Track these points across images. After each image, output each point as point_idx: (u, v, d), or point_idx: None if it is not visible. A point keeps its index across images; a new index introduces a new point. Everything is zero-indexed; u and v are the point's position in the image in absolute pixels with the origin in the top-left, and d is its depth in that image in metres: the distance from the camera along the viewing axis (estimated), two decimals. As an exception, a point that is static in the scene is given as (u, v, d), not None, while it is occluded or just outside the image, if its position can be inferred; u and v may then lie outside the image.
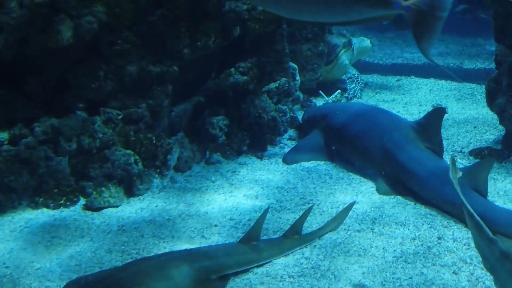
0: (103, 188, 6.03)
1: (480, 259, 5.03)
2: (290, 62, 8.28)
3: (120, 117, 6.35)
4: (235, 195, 6.33)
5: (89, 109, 6.32)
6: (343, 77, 10.20)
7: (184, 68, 6.84)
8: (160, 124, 6.63)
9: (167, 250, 5.18)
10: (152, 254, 5.00)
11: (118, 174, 6.15)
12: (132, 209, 6.01)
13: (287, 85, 7.99)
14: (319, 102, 9.29)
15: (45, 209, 5.92)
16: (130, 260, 4.91)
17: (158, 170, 6.55)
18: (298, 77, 8.39)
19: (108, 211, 5.96)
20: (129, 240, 5.39)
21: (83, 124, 6.19)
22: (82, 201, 6.06)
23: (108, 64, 6.34)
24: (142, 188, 6.28)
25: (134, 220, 5.78)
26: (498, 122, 7.65)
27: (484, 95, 7.82)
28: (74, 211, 5.93)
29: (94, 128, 6.18)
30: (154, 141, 6.49)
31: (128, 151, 6.27)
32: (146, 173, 6.38)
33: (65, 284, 4.47)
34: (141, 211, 5.97)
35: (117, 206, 6.04)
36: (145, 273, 4.31)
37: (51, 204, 5.95)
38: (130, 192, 6.24)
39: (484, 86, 7.85)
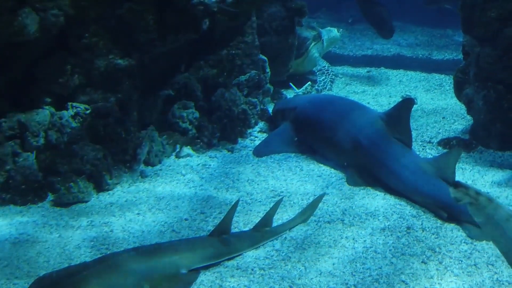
0: (71, 184, 5.97)
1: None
2: (260, 55, 8.26)
3: (88, 111, 6.29)
4: (206, 188, 6.31)
5: (57, 103, 6.26)
6: (314, 69, 10.22)
7: (153, 62, 6.80)
8: (129, 118, 6.58)
9: (137, 245, 5.14)
10: (121, 249, 4.96)
11: (87, 169, 6.09)
12: (101, 204, 5.97)
13: (257, 77, 7.99)
14: (289, 94, 9.30)
15: (12, 206, 5.86)
16: (99, 256, 4.87)
17: (128, 165, 6.51)
18: (268, 70, 8.38)
19: (77, 206, 5.90)
20: (98, 236, 5.35)
21: (50, 119, 6.13)
22: (51, 197, 6.00)
23: (76, 58, 6.28)
24: (111, 182, 6.24)
25: (103, 215, 5.74)
26: (466, 112, 7.75)
27: (453, 86, 7.92)
28: (43, 207, 5.87)
29: (62, 123, 6.12)
30: (124, 135, 6.44)
31: (97, 146, 6.22)
32: (115, 167, 6.34)
33: (33, 280, 4.42)
34: (111, 206, 5.92)
35: (86, 201, 5.99)
36: (113, 269, 4.28)
37: (19, 200, 5.88)
38: (100, 187, 6.18)
39: (452, 77, 7.95)
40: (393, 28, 10.30)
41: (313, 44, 10.12)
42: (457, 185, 4.08)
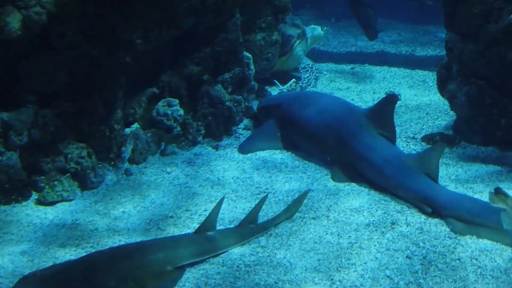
0: (56, 182, 5.95)
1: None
2: (245, 52, 8.26)
3: (72, 109, 6.25)
4: (191, 186, 6.31)
5: (40, 102, 6.21)
6: (298, 67, 10.25)
7: (137, 59, 6.77)
8: (113, 116, 6.55)
9: (122, 242, 5.14)
10: (107, 248, 4.95)
11: (71, 168, 6.07)
12: (86, 202, 5.95)
13: (241, 74, 7.98)
14: (274, 91, 9.31)
15: (-4, 205, 5.83)
16: (84, 254, 4.86)
17: (113, 163, 6.50)
18: (252, 67, 8.38)
19: (61, 205, 5.88)
20: (83, 234, 5.34)
21: (34, 117, 6.09)
22: (35, 195, 5.97)
23: (59, 56, 6.23)
24: (96, 181, 6.22)
25: (88, 213, 5.73)
26: (449, 108, 7.80)
27: (436, 82, 7.97)
28: (27, 206, 5.84)
29: (45, 122, 6.08)
30: (108, 134, 6.42)
31: (81, 144, 6.20)
32: (100, 166, 6.32)
33: (18, 280, 4.39)
34: (95, 204, 5.91)
35: (70, 200, 5.97)
36: (99, 267, 4.27)
37: (3, 200, 5.84)
38: (84, 185, 6.17)
39: (435, 73, 7.99)
40: (377, 30, 10.36)
41: (297, 42, 10.14)
42: (498, 191, 4.20)
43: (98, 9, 6.27)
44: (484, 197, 5.98)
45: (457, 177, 6.55)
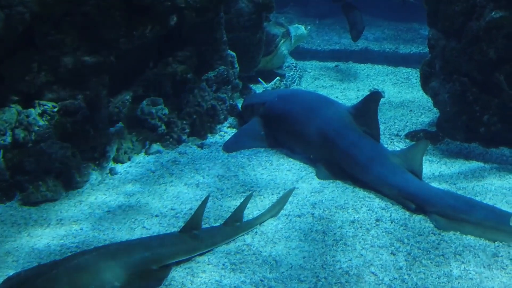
0: (40, 182, 5.93)
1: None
2: (229, 50, 8.27)
3: (56, 109, 6.22)
4: (176, 185, 6.31)
5: (24, 102, 6.18)
6: (282, 66, 10.29)
7: (121, 58, 6.75)
8: (98, 115, 6.53)
9: (107, 242, 5.13)
10: (92, 247, 4.94)
11: (56, 167, 6.05)
12: (70, 202, 5.93)
13: (226, 73, 7.99)
14: (258, 89, 9.33)
15: (-20, 206, 5.80)
16: (69, 254, 4.84)
17: (97, 162, 6.48)
18: (237, 65, 8.39)
19: (46, 205, 5.86)
20: (68, 234, 5.32)
21: (17, 117, 6.05)
22: (19, 196, 5.93)
23: (42, 56, 6.20)
24: (80, 180, 6.20)
25: (72, 213, 5.71)
26: (432, 105, 7.85)
27: (419, 79, 8.02)
28: (11, 206, 5.81)
29: (29, 121, 6.04)
30: (92, 133, 6.40)
31: (66, 144, 6.16)
32: (84, 165, 6.30)
33: (1, 281, 4.38)
34: (80, 203, 5.90)
35: (55, 200, 5.95)
36: (83, 267, 4.26)
37: (-13, 200, 5.82)
38: (69, 185, 6.15)
39: (419, 70, 8.04)
40: (360, 34, 10.43)
41: (282, 41, 10.19)
42: None
43: (82, 8, 6.25)
44: (467, 193, 6.06)
45: (440, 174, 6.60)
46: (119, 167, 6.69)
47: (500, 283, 4.59)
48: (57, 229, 5.41)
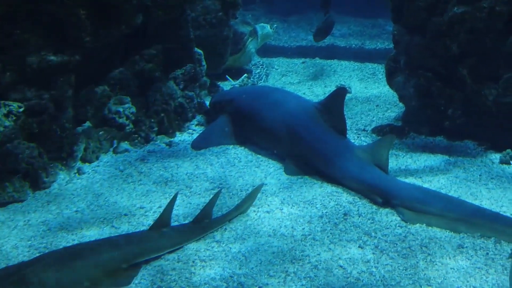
0: (7, 183, 5.86)
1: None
2: (196, 48, 8.27)
3: (21, 109, 6.14)
4: (145, 183, 6.30)
5: (-12, 102, 6.12)
6: (249, 64, 10.35)
7: (88, 57, 6.70)
8: (64, 115, 6.49)
9: (75, 242, 5.10)
10: (60, 248, 4.91)
11: (23, 168, 5.99)
12: (38, 203, 5.89)
13: (193, 70, 7.99)
14: (226, 86, 9.34)
15: None
16: (37, 255, 4.81)
17: (65, 162, 6.44)
18: (204, 63, 8.39)
19: (13, 206, 5.81)
20: (36, 235, 5.28)
21: (-18, 118, 5.99)
22: (-15, 197, 5.88)
23: (7, 56, 6.13)
24: (48, 181, 6.16)
25: (40, 214, 5.67)
26: (398, 99, 7.94)
27: (385, 74, 8.11)
28: (-23, 208, 5.76)
29: (-6, 122, 5.99)
30: (59, 133, 6.36)
31: (32, 144, 6.11)
32: (51, 165, 6.26)
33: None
34: (48, 204, 5.85)
35: (22, 201, 5.90)
36: (52, 267, 4.24)
37: (-48, 202, 5.75)
38: (36, 185, 6.10)
39: (384, 66, 8.13)
40: (322, 38, 10.51)
41: (250, 39, 10.24)
42: None
43: (46, 7, 6.20)
44: (433, 186, 6.16)
45: (407, 168, 6.69)
46: (87, 167, 6.65)
47: (465, 273, 4.68)
48: (24, 230, 5.36)
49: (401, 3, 7.36)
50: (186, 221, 5.44)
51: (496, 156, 6.88)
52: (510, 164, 6.69)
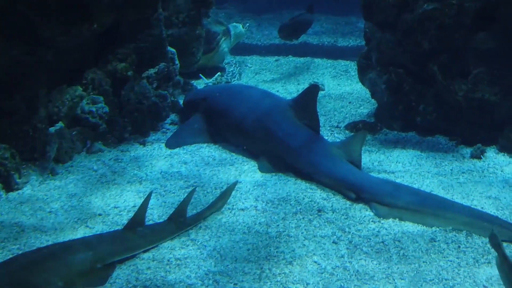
0: (-21, 185, 5.82)
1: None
2: (169, 47, 8.25)
3: (-8, 110, 6.12)
4: (118, 183, 6.29)
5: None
6: (223, 63, 10.37)
7: (59, 57, 6.66)
8: (36, 115, 6.44)
9: (49, 243, 5.07)
10: (33, 249, 4.88)
11: (-6, 170, 5.95)
12: (11, 204, 5.83)
13: (166, 69, 7.97)
14: (199, 85, 9.34)
15: None
16: (10, 256, 4.78)
17: (37, 163, 6.38)
18: (177, 61, 8.38)
19: (-15, 208, 5.77)
20: (9, 236, 5.24)
21: (-47, 119, 5.93)
22: (-43, 199, 5.83)
23: (-23, 56, 6.09)
24: (20, 182, 6.10)
25: (13, 215, 5.62)
26: (370, 96, 8.02)
27: (357, 71, 8.18)
28: (-51, 211, 5.70)
29: (-36, 124, 5.93)
30: (31, 133, 6.30)
31: (4, 145, 6.06)
32: (24, 166, 6.21)
33: None
34: (21, 205, 5.81)
35: (-5, 203, 5.86)
36: (25, 268, 4.22)
37: None
38: (8, 187, 6.04)
39: (356, 63, 8.20)
40: (290, 36, 10.55)
41: (223, 39, 10.26)
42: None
43: (17, 6, 6.15)
44: (405, 181, 6.23)
45: (379, 163, 6.75)
46: (60, 167, 6.61)
47: (437, 266, 4.75)
48: (-3, 232, 5.33)
49: (372, 0, 7.41)
50: (161, 220, 5.44)
51: (467, 151, 6.97)
52: (480, 158, 6.79)
